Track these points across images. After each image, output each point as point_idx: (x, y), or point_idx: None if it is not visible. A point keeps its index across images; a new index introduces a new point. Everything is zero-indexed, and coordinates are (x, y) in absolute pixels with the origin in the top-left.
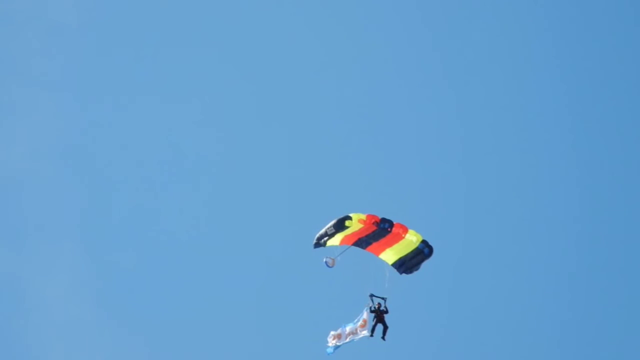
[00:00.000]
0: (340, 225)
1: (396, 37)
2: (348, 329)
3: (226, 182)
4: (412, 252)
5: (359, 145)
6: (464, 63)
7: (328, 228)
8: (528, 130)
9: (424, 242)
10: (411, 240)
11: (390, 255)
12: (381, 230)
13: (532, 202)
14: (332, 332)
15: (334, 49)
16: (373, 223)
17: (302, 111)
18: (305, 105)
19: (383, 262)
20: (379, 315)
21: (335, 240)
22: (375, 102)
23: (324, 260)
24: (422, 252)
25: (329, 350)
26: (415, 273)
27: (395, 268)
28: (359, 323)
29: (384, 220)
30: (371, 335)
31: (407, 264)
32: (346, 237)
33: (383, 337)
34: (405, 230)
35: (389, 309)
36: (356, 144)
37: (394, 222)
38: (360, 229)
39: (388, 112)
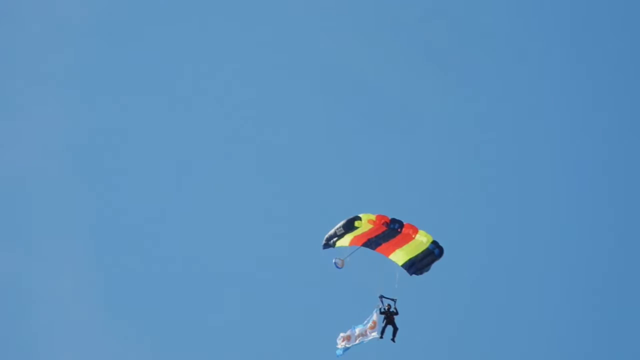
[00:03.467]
0: (349, 226)
1: (405, 36)
2: (358, 330)
3: (234, 183)
4: (422, 252)
5: (369, 145)
6: (473, 62)
7: (337, 229)
8: (539, 129)
9: (434, 242)
10: (421, 240)
11: (400, 256)
12: (391, 230)
13: (543, 202)
14: (342, 334)
15: (342, 48)
16: (383, 223)
17: (310, 111)
18: (313, 106)
19: (393, 263)
20: (389, 316)
21: (345, 241)
22: (385, 102)
23: (334, 261)
24: (433, 252)
25: (339, 351)
26: (425, 274)
27: (405, 269)
28: (369, 325)
29: (393, 220)
30: (381, 337)
31: (417, 265)
32: (356, 237)
33: (393, 339)
34: (416, 231)
35: (399, 310)
36: (366, 143)
37: (404, 223)
38: (369, 230)
39: (397, 111)
